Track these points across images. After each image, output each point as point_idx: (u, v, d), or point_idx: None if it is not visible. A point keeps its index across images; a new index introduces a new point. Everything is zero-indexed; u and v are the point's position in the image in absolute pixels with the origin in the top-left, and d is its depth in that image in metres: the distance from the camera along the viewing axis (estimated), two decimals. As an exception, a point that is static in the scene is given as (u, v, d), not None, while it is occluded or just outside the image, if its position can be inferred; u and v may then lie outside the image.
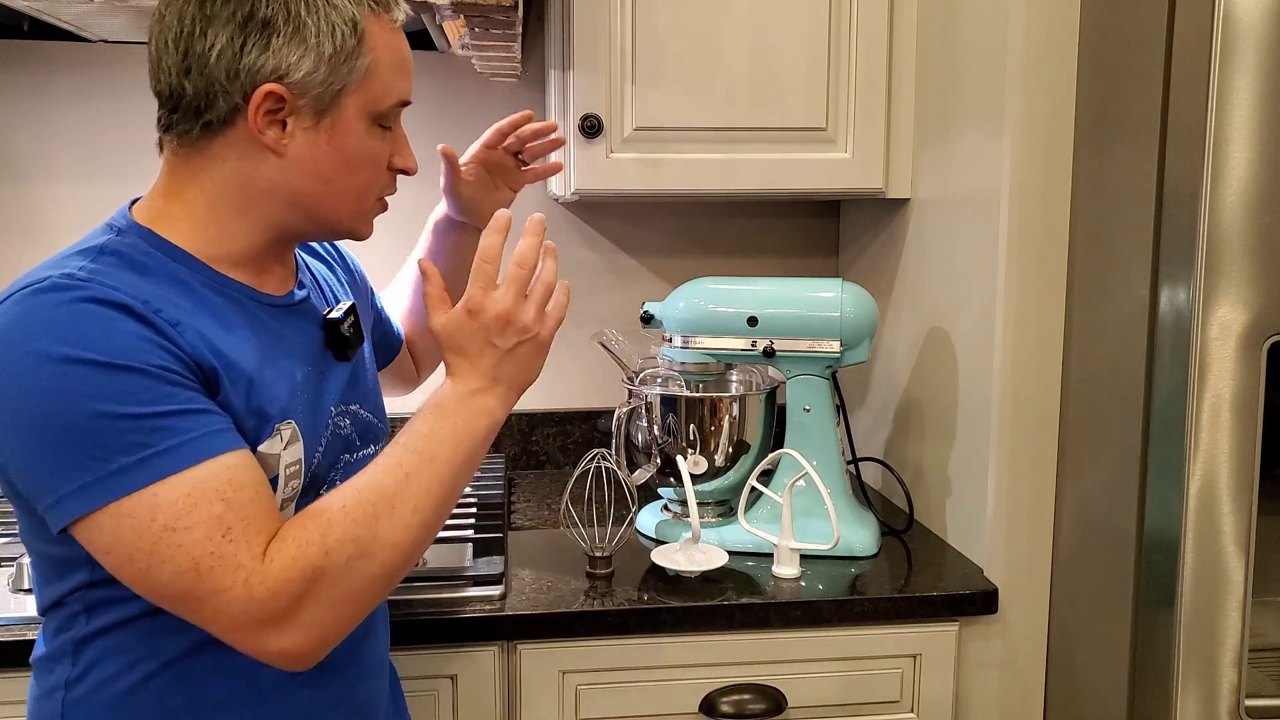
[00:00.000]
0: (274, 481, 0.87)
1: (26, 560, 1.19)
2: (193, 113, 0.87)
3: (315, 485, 0.94)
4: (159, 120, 0.91)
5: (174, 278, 0.86)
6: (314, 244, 1.13)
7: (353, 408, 1.01)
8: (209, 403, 0.82)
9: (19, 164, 1.67)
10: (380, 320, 1.23)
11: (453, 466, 0.89)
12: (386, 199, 0.98)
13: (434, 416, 0.90)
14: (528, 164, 1.29)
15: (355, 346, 1.02)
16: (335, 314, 1.00)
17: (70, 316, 0.78)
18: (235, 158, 0.88)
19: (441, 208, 1.28)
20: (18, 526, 0.88)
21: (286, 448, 0.88)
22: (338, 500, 0.84)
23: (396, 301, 1.30)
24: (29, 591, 1.18)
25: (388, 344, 1.25)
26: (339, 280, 1.11)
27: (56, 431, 0.76)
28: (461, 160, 1.25)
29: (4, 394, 0.77)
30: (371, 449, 1.03)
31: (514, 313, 0.92)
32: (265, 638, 0.80)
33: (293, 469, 0.89)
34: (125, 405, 0.77)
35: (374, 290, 1.23)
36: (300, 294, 0.98)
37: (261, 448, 0.86)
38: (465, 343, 0.92)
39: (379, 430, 1.05)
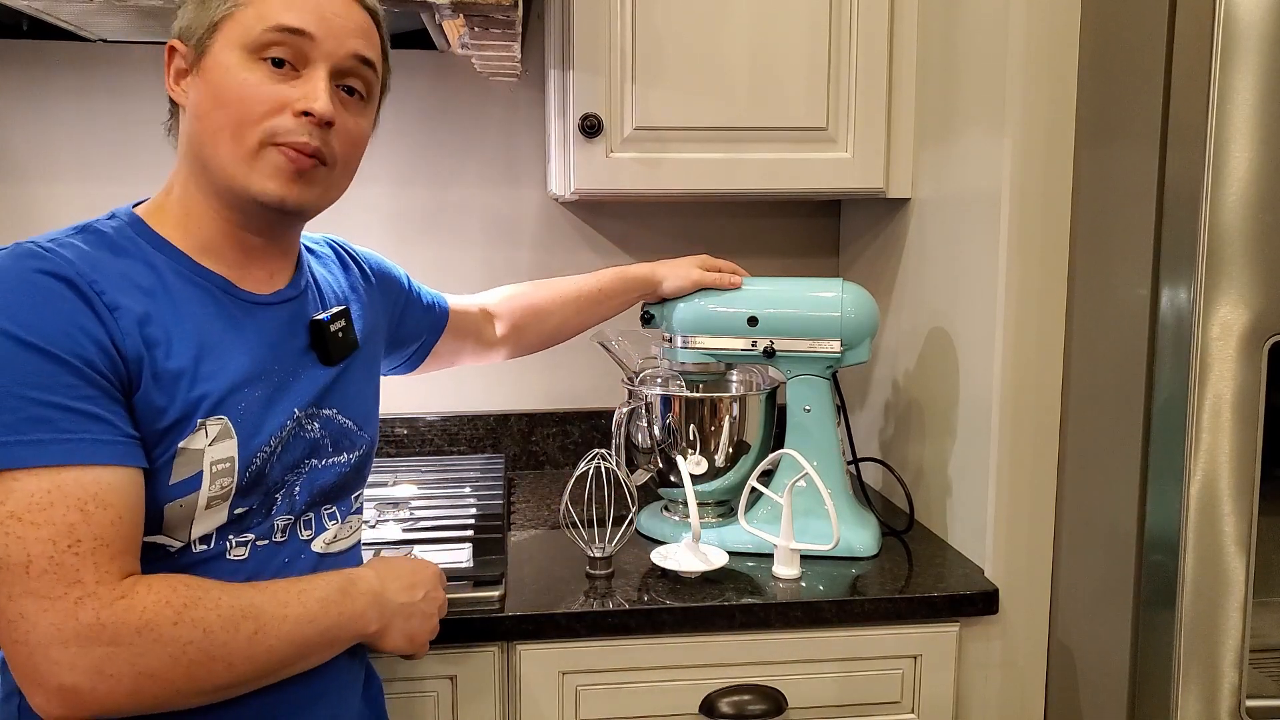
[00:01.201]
0: (198, 477, 0.86)
1: None
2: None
3: (266, 485, 0.93)
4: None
5: (147, 263, 0.88)
6: (330, 250, 1.13)
7: (326, 412, 0.99)
8: (110, 409, 0.81)
9: (18, 163, 1.67)
10: (412, 304, 1.26)
11: (318, 638, 0.90)
12: (293, 150, 0.89)
13: (335, 590, 0.92)
14: None
15: (343, 352, 1.02)
16: (322, 316, 1.00)
17: (18, 284, 0.80)
18: (181, 129, 0.94)
19: (643, 270, 1.43)
20: None
21: (213, 444, 0.87)
22: (220, 590, 0.84)
23: (507, 297, 1.40)
24: None
25: (432, 321, 1.31)
26: (354, 291, 1.11)
27: None
28: None
29: None
30: (344, 457, 1.02)
31: (442, 605, 1.06)
32: (52, 664, 0.76)
33: (221, 466, 0.88)
34: (23, 386, 0.77)
35: (410, 280, 1.27)
36: (289, 293, 0.98)
37: (183, 442, 0.85)
38: (408, 575, 1.02)
39: (356, 439, 1.04)
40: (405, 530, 1.40)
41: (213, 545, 0.90)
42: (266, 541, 0.94)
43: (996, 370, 1.30)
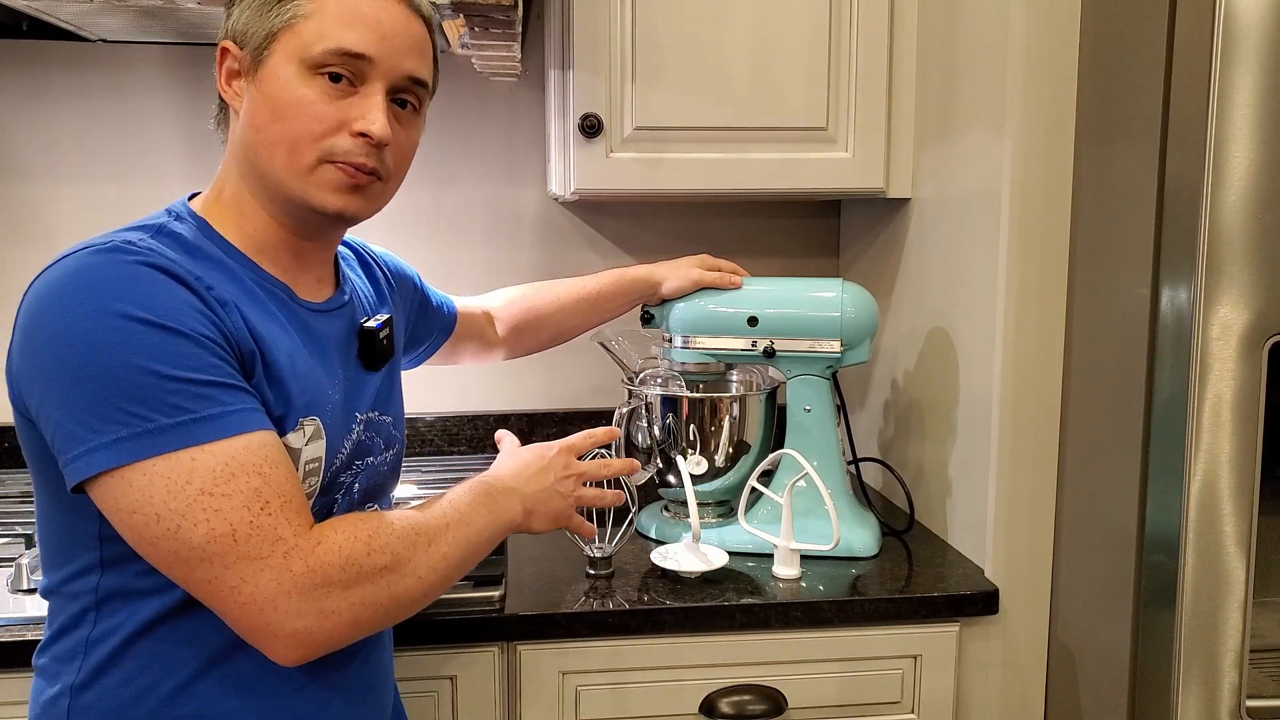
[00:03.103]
0: None
1: (25, 560, 1.18)
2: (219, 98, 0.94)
3: (331, 488, 0.95)
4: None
5: (222, 265, 0.89)
6: (350, 252, 1.14)
7: (378, 416, 1.02)
8: (246, 384, 0.84)
9: (18, 164, 1.67)
10: (425, 305, 1.28)
11: (478, 537, 0.96)
12: (351, 167, 0.90)
13: (479, 493, 0.99)
14: None
15: (386, 359, 1.04)
16: (372, 323, 1.02)
17: (130, 276, 0.80)
18: (232, 133, 0.93)
19: (642, 272, 1.44)
20: (34, 505, 0.89)
21: (309, 443, 0.90)
22: (388, 517, 0.89)
23: (510, 300, 1.42)
24: (30, 592, 1.18)
25: (441, 321, 1.32)
26: (379, 293, 1.12)
27: (101, 382, 0.77)
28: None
29: (54, 341, 0.78)
30: (386, 455, 1.04)
31: (578, 477, 1.11)
32: (283, 615, 0.80)
33: (312, 465, 0.90)
34: (173, 368, 0.78)
35: (420, 279, 1.28)
36: (339, 300, 1.00)
37: (285, 439, 0.87)
38: (535, 461, 1.09)
39: (395, 437, 1.07)
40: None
41: None
42: None
43: (996, 370, 1.30)
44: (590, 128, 1.46)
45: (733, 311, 1.41)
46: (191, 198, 0.96)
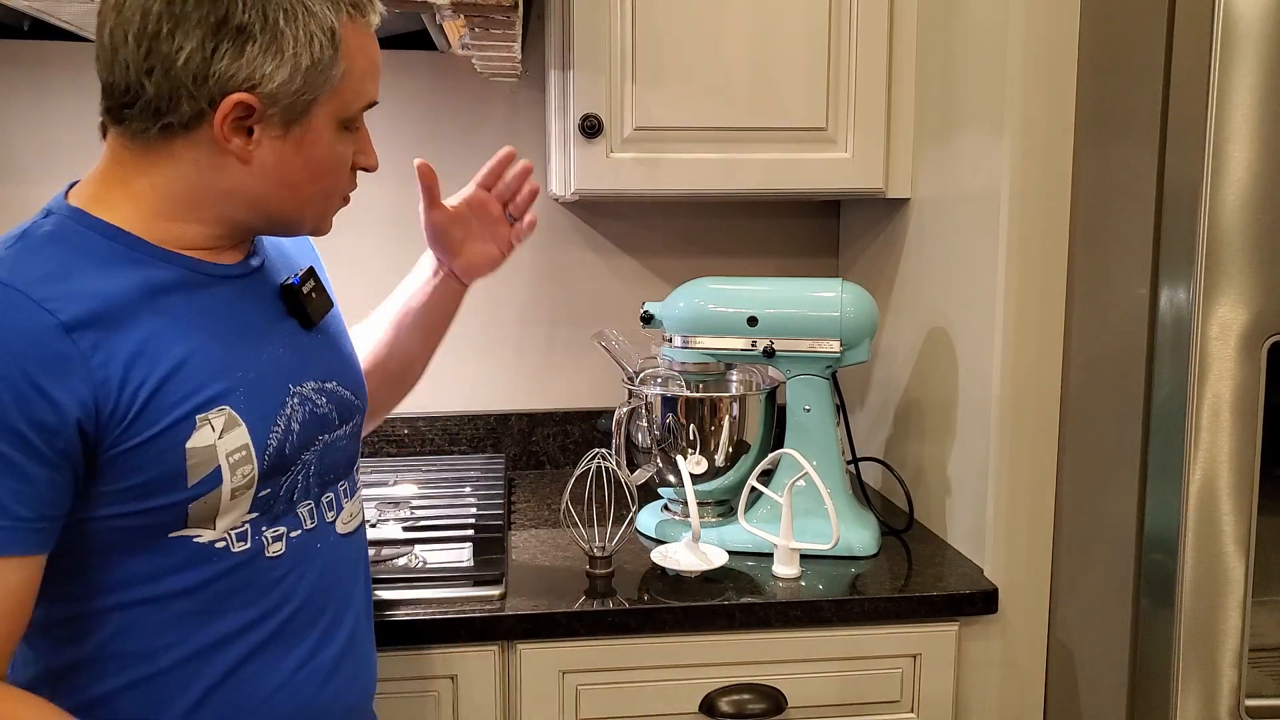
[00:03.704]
0: (218, 473, 0.84)
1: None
2: (151, 113, 0.84)
3: (285, 467, 0.91)
4: (106, 108, 0.88)
5: (101, 258, 0.83)
6: None
7: (329, 385, 0.97)
8: (12, 487, 0.76)
9: (18, 164, 1.67)
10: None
11: None
12: (349, 195, 0.96)
13: None
14: (515, 220, 1.22)
15: (322, 312, 0.99)
16: (290, 280, 0.97)
17: None
18: (194, 159, 0.86)
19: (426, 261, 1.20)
20: None
21: (222, 436, 0.85)
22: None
23: (366, 336, 1.20)
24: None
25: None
26: (291, 250, 1.06)
27: None
28: (451, 202, 1.17)
29: None
30: (345, 429, 0.99)
31: None
32: None
33: (238, 455, 0.86)
34: None
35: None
36: (254, 262, 0.95)
37: (190, 443, 0.83)
38: None
39: (355, 408, 1.02)
40: (405, 530, 1.40)
41: (250, 543, 0.89)
42: (299, 532, 0.93)
43: (996, 370, 1.30)
44: (590, 128, 1.46)
45: (732, 311, 1.41)
46: (70, 188, 0.90)
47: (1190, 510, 1.08)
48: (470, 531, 1.39)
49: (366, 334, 1.20)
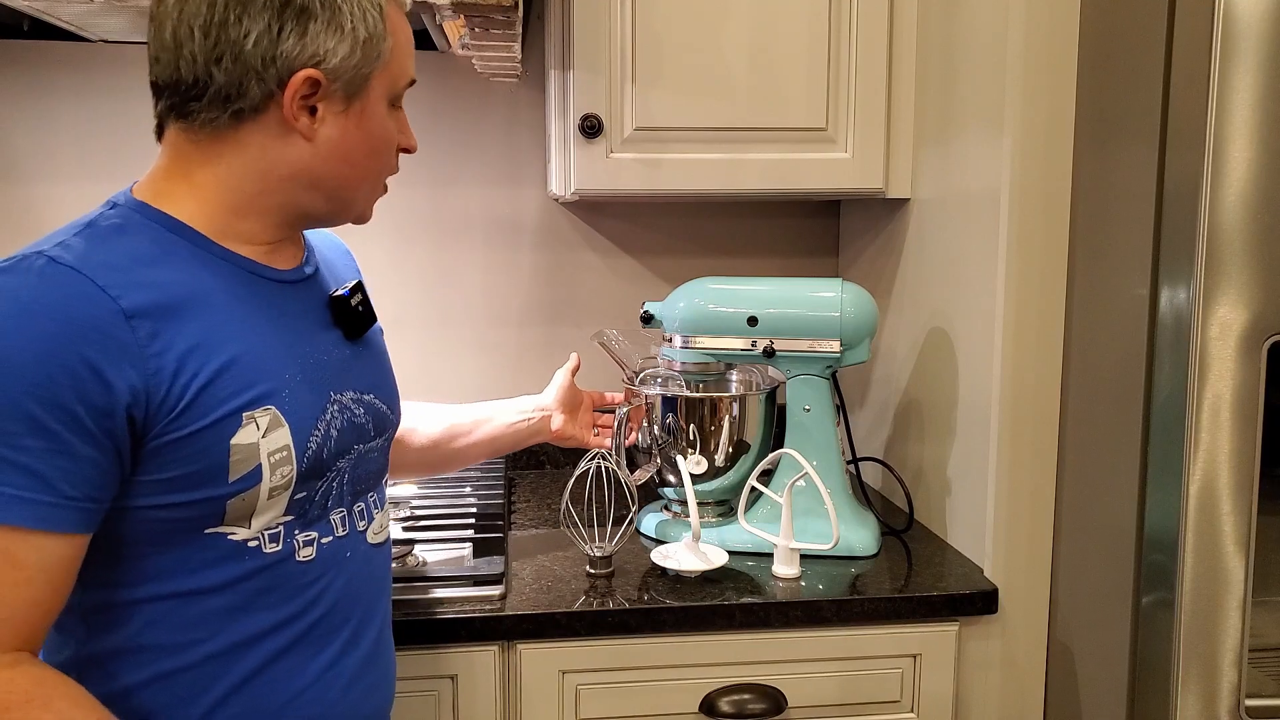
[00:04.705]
0: (258, 471, 0.86)
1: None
2: (221, 100, 0.86)
3: (320, 472, 0.92)
4: (170, 107, 0.89)
5: (165, 250, 0.86)
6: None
7: (368, 397, 0.99)
8: (53, 464, 0.77)
9: (18, 164, 1.67)
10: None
11: None
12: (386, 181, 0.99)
13: None
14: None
15: (366, 325, 1.02)
16: (341, 291, 1.00)
17: (8, 313, 0.77)
18: (260, 144, 0.88)
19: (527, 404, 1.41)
20: None
21: (265, 435, 0.86)
22: (61, 704, 0.79)
23: (445, 415, 1.35)
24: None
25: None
26: (343, 263, 1.10)
27: None
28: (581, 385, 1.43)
29: None
30: (378, 441, 1.01)
31: None
32: None
33: (279, 455, 0.87)
34: None
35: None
36: (308, 270, 0.98)
37: (235, 439, 0.84)
38: None
39: (390, 422, 1.04)
40: (406, 529, 1.40)
41: (281, 546, 0.90)
42: (330, 538, 0.94)
43: (996, 370, 1.30)
44: (590, 128, 1.46)
45: (733, 311, 1.41)
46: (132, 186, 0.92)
47: (1190, 510, 1.08)
48: (470, 531, 1.39)
49: (447, 414, 1.35)
